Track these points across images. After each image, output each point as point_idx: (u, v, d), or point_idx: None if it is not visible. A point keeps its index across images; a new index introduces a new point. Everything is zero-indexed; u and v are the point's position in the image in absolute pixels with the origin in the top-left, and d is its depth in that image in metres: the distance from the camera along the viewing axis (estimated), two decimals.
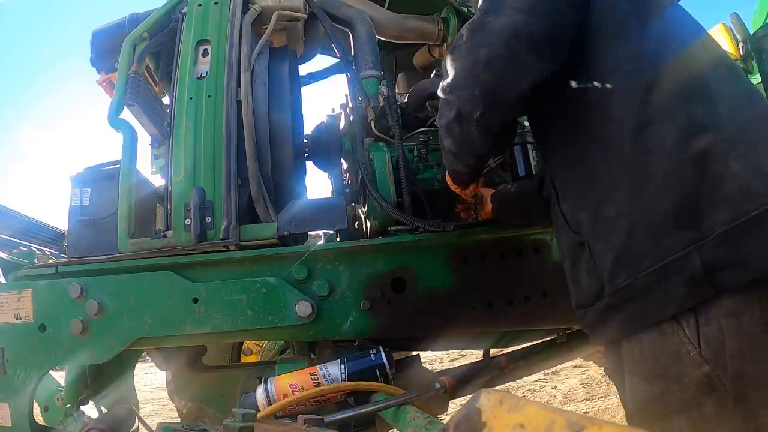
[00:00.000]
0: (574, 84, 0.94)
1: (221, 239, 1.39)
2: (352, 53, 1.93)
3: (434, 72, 1.92)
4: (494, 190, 1.42)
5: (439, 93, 1.04)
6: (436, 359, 5.86)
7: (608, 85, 0.90)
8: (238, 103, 1.49)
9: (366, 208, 1.63)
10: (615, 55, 0.91)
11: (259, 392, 1.25)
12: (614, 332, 0.89)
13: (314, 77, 2.30)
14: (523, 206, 1.31)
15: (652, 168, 0.83)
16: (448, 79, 0.99)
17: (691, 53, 0.90)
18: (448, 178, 1.31)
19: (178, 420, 2.15)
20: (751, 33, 2.79)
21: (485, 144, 1.04)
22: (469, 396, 0.58)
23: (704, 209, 0.78)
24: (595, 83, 0.91)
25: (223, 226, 1.39)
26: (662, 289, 0.80)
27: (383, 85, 1.67)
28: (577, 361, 4.58)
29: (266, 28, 1.65)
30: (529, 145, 1.46)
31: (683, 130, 0.81)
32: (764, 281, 0.75)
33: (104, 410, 1.58)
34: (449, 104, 1.00)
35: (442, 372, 1.50)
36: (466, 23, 0.97)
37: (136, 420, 1.58)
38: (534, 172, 1.44)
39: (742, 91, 0.89)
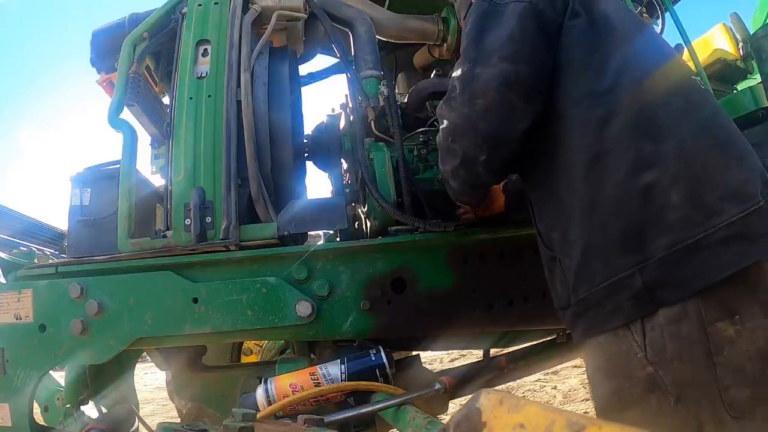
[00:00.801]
0: (541, 114, 1.01)
1: (221, 239, 1.39)
2: (352, 53, 1.93)
3: (434, 72, 1.92)
4: (505, 181, 1.41)
5: (441, 142, 1.12)
6: (436, 359, 5.86)
7: (569, 118, 0.98)
8: (238, 103, 1.49)
9: (366, 208, 1.63)
10: (576, 90, 0.98)
11: (259, 392, 1.25)
12: (580, 334, 1.00)
13: (314, 77, 2.30)
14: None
15: (604, 197, 0.92)
16: (449, 129, 1.06)
17: (647, 88, 0.95)
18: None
19: (178, 420, 2.14)
20: (751, 33, 2.79)
21: (490, 179, 1.18)
22: (469, 396, 0.58)
23: (648, 236, 0.88)
24: (559, 115, 0.99)
25: (223, 226, 1.39)
26: (611, 302, 0.90)
27: (383, 85, 1.67)
28: (577, 361, 4.57)
29: (266, 28, 1.65)
30: None
31: (632, 166, 0.90)
32: (700, 295, 0.84)
33: (104, 410, 1.58)
34: (453, 152, 1.08)
35: (442, 372, 1.50)
36: (455, 71, 1.03)
37: (136, 420, 1.58)
38: None
39: (695, 122, 0.94)
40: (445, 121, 1.08)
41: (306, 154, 1.84)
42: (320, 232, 2.01)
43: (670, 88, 0.97)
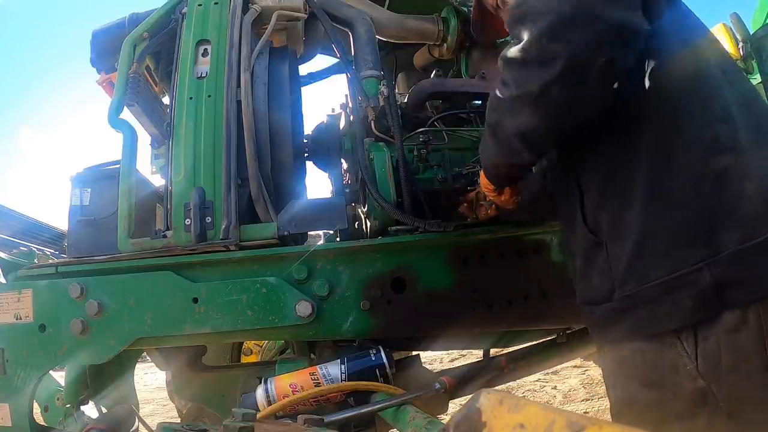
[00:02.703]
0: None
1: (221, 239, 1.39)
2: (352, 53, 1.93)
3: (434, 72, 1.92)
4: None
5: (518, 53, 0.81)
6: (436, 359, 5.86)
7: (642, 91, 0.85)
8: (238, 103, 1.49)
9: (366, 208, 1.63)
10: (650, 51, 0.84)
11: (259, 392, 1.25)
12: (618, 335, 0.90)
13: (314, 77, 2.30)
14: (526, 202, 1.29)
15: (673, 178, 0.82)
16: (542, 24, 0.76)
17: (716, 67, 0.89)
18: (482, 178, 1.14)
19: (178, 420, 2.15)
20: (751, 33, 2.79)
21: (595, 108, 0.85)
22: (469, 396, 0.58)
23: (718, 227, 0.79)
24: (633, 87, 0.85)
25: (223, 226, 1.39)
26: (669, 301, 0.80)
27: (383, 85, 1.67)
28: (577, 361, 4.58)
29: (266, 28, 1.65)
30: None
31: (707, 147, 0.81)
32: (761, 301, 0.77)
33: (104, 410, 1.58)
34: (549, 57, 0.77)
35: (442, 372, 1.50)
36: None
37: (136, 420, 1.58)
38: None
39: (757, 109, 0.89)
40: (535, 15, 0.78)
41: (306, 154, 1.84)
42: (320, 232, 2.01)
43: (724, 65, 0.91)
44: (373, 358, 1.30)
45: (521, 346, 1.77)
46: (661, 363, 0.83)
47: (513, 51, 0.82)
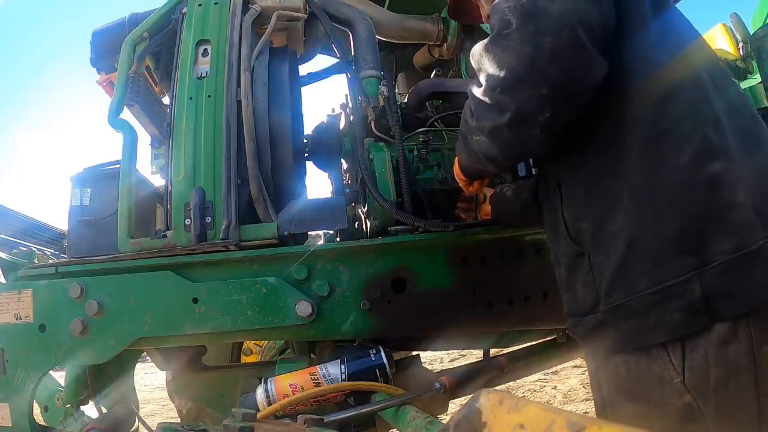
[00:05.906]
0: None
1: (221, 239, 1.39)
2: (352, 53, 1.93)
3: (434, 72, 1.92)
4: (494, 191, 1.42)
5: (479, 94, 0.88)
6: (436, 359, 5.86)
7: (625, 89, 0.85)
8: (238, 103, 1.49)
9: (366, 208, 1.63)
10: (637, 58, 0.85)
11: (259, 392, 1.25)
12: (603, 347, 0.88)
13: (314, 77, 2.29)
14: (518, 209, 1.31)
15: (663, 183, 0.79)
16: (496, 76, 0.83)
17: (702, 71, 0.87)
18: (456, 168, 1.22)
19: (178, 420, 2.14)
20: (751, 33, 2.79)
21: (541, 148, 0.92)
22: (469, 396, 0.58)
23: (708, 235, 0.76)
24: (612, 86, 0.84)
25: (223, 226, 1.39)
26: (658, 312, 0.78)
27: (383, 85, 1.67)
28: (577, 361, 4.58)
29: (266, 28, 1.65)
30: None
31: (698, 151, 0.79)
32: (754, 313, 0.74)
33: (104, 410, 1.58)
34: (500, 107, 0.84)
35: (442, 372, 1.50)
36: (504, 4, 0.82)
37: (136, 420, 1.58)
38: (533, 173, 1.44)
39: (746, 114, 0.87)
40: (491, 66, 0.83)
41: (306, 154, 1.84)
42: (320, 232, 2.01)
43: (717, 74, 0.89)
44: (373, 358, 1.30)
45: (521, 346, 1.77)
46: (646, 376, 0.80)
47: (475, 90, 0.90)
